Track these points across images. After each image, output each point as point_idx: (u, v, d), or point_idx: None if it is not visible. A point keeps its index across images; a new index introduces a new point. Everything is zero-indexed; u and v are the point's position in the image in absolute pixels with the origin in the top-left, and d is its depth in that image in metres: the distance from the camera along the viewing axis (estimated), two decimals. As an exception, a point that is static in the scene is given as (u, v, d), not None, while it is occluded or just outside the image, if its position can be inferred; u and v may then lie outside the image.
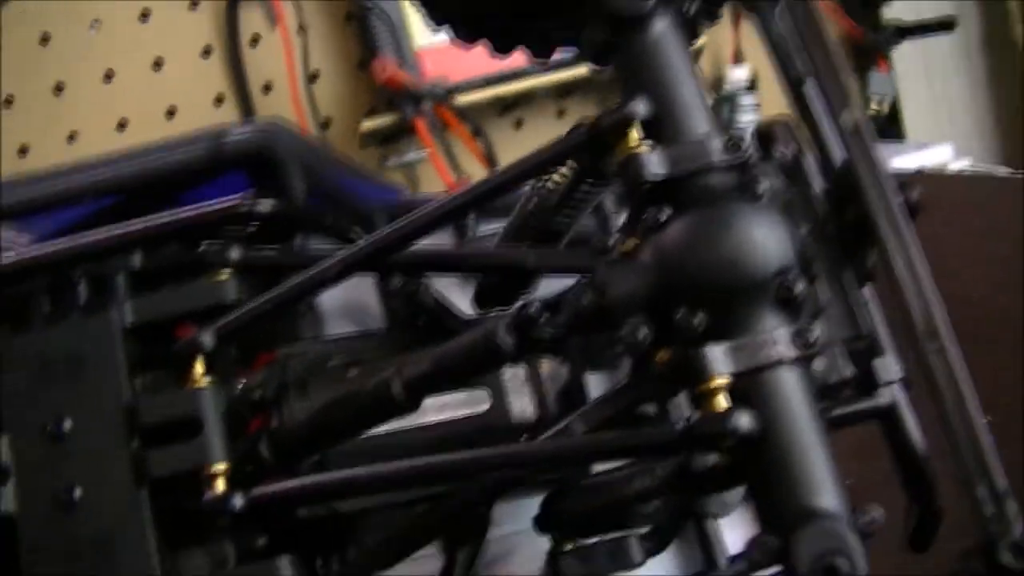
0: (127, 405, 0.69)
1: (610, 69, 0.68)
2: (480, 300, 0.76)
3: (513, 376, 0.73)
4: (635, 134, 0.65)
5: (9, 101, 1.58)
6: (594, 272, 0.65)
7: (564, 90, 1.58)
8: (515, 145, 1.53)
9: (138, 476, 0.68)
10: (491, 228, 0.81)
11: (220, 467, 0.68)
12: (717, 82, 1.62)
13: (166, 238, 0.74)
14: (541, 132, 1.55)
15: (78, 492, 0.68)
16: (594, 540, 0.71)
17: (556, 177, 0.72)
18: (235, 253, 0.73)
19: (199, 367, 0.70)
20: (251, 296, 0.72)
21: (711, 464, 0.64)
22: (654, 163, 0.64)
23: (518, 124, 1.60)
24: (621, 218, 0.79)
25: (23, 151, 1.58)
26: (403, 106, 1.45)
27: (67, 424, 0.69)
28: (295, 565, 0.68)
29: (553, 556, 0.71)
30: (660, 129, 0.65)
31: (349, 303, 0.81)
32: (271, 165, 0.77)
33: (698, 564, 0.79)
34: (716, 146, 0.64)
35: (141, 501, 0.68)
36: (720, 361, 0.60)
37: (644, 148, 0.64)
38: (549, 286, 0.74)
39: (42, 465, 0.69)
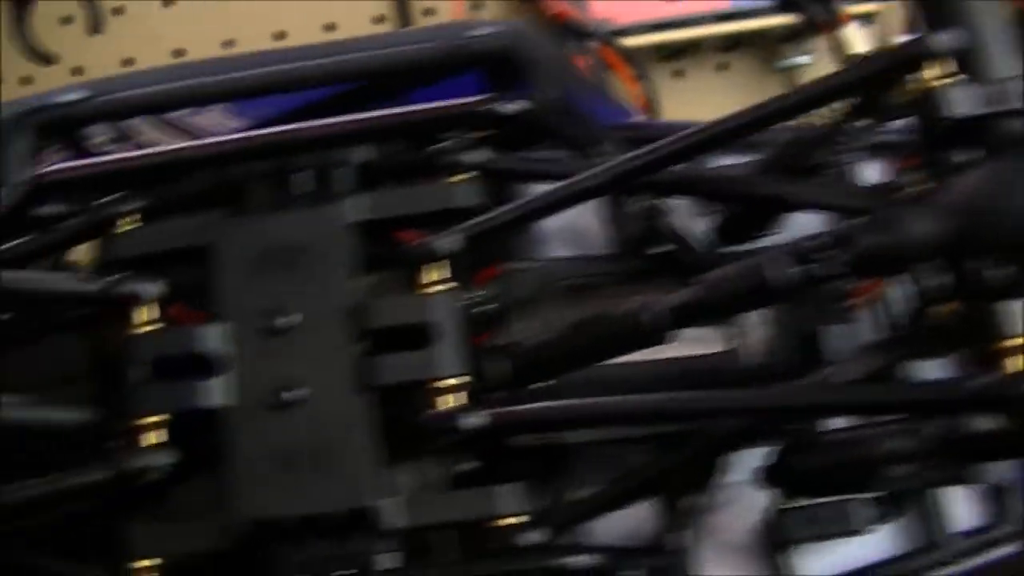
0: (353, 305, 0.65)
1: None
2: (724, 233, 0.71)
3: (754, 316, 0.69)
4: (938, 68, 0.60)
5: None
6: (878, 212, 0.60)
7: (730, 43, 1.52)
8: (673, 95, 1.48)
9: (363, 382, 0.64)
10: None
11: (452, 382, 0.64)
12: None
13: (398, 133, 0.69)
14: (700, 84, 1.50)
15: (296, 392, 0.64)
16: (822, 500, 0.67)
17: (824, 111, 0.67)
18: (476, 156, 0.68)
19: (437, 273, 0.65)
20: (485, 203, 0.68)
21: (989, 430, 0.59)
22: (961, 100, 0.59)
23: (677, 74, 1.55)
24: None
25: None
26: (567, 42, 1.40)
27: (288, 318, 0.65)
28: (526, 496, 0.63)
29: (777, 512, 0.68)
30: (966, 65, 0.60)
31: (566, 225, 0.76)
32: (516, 67, 0.72)
33: (914, 537, 0.74)
34: (1018, 89, 0.59)
35: (363, 408, 0.64)
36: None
37: (947, 83, 0.59)
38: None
39: (259, 360, 0.65)
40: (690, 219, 0.72)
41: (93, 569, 0.67)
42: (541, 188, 0.69)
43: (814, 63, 1.45)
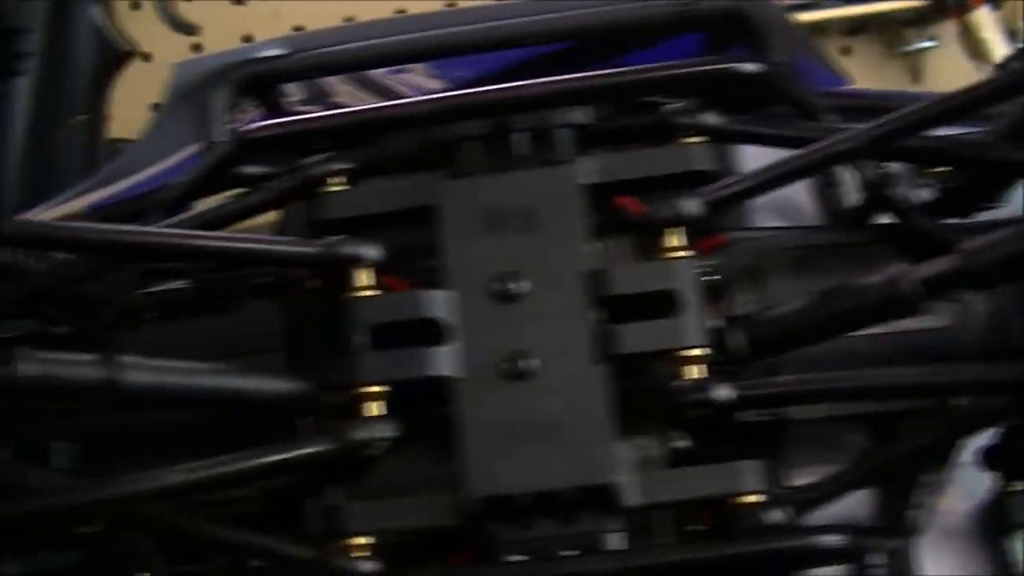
0: (589, 271, 0.61)
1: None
2: (946, 205, 0.68)
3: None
4: None
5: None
6: None
7: (854, 27, 1.48)
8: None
9: (601, 351, 0.60)
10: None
11: (697, 352, 0.60)
12: (1012, 35, 1.52)
13: (630, 93, 0.66)
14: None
15: (529, 362, 0.60)
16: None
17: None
18: (711, 118, 0.64)
19: (678, 239, 0.62)
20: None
21: None
22: None
23: (799, 55, 1.51)
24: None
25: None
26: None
27: (519, 284, 0.61)
28: (765, 474, 0.60)
29: (1001, 495, 0.66)
30: None
31: (775, 196, 0.72)
32: (747, 30, 0.68)
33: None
34: None
35: (601, 379, 0.60)
36: None
37: None
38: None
39: (490, 327, 0.61)
40: (914, 190, 0.69)
41: (301, 547, 0.63)
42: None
43: (939, 47, 1.41)
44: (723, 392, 0.59)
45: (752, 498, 0.60)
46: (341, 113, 0.67)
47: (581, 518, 0.61)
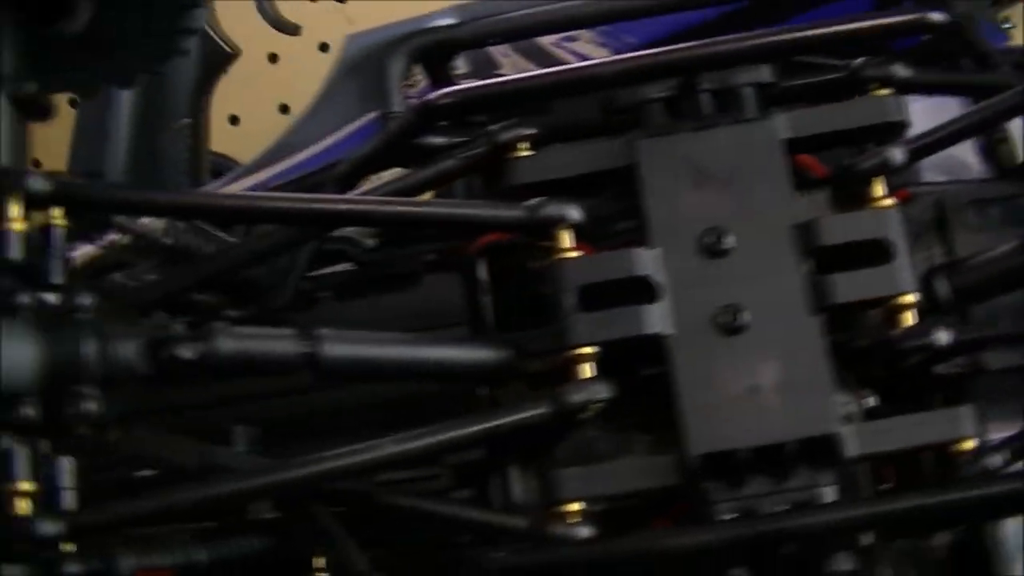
0: (797, 223, 0.61)
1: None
2: None
3: None
4: None
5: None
6: None
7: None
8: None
9: (815, 301, 0.60)
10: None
11: (911, 298, 0.60)
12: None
13: (814, 48, 0.66)
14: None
15: (743, 315, 0.60)
16: None
17: None
18: (901, 70, 0.64)
19: (882, 187, 0.61)
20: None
21: None
22: None
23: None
24: None
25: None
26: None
27: (727, 239, 0.61)
28: (979, 420, 0.59)
29: None
30: None
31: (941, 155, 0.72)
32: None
33: None
34: None
35: (816, 330, 0.60)
36: None
37: None
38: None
39: (700, 283, 0.61)
40: None
41: (513, 517, 0.63)
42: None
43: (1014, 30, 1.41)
44: (943, 336, 0.59)
45: (970, 444, 0.59)
46: (528, 76, 0.67)
47: (795, 474, 0.60)
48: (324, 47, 1.63)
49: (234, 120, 1.57)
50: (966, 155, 0.74)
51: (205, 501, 0.60)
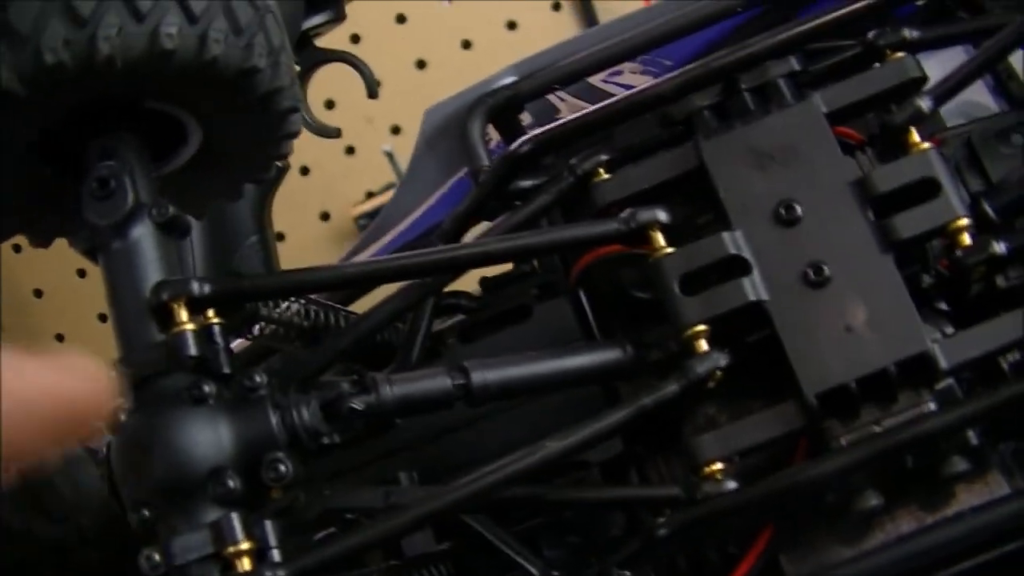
0: (854, 179, 0.70)
1: None
2: None
3: None
4: None
5: None
6: None
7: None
8: None
9: (884, 243, 0.69)
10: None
11: (965, 221, 0.69)
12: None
13: (833, 32, 0.75)
14: None
15: (826, 268, 0.69)
16: None
17: None
18: (910, 33, 0.74)
19: (916, 134, 0.71)
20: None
21: None
22: None
23: None
24: None
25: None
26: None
27: (797, 208, 0.70)
28: None
29: None
30: None
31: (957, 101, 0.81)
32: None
33: None
34: None
35: (891, 265, 0.69)
36: None
37: None
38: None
39: (782, 250, 0.70)
40: None
41: (669, 488, 0.71)
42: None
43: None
44: (999, 246, 0.68)
45: None
46: (595, 109, 0.76)
47: (901, 398, 0.69)
48: (351, 150, 1.73)
49: (280, 237, 1.66)
50: (983, 98, 0.83)
51: (404, 527, 0.68)
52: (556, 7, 1.74)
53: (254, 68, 0.71)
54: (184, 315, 0.68)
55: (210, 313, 0.69)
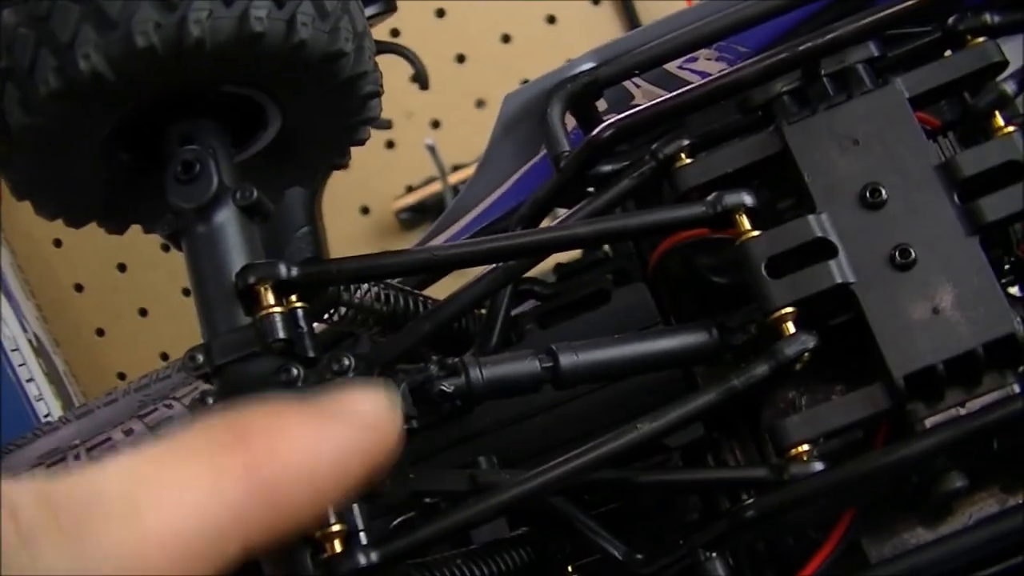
0: (939, 164, 0.70)
1: None
2: None
3: None
4: None
5: None
6: None
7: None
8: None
9: (970, 226, 0.69)
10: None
11: (1054, 204, 0.69)
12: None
13: (904, 21, 0.76)
14: None
15: (912, 250, 0.69)
16: None
17: None
18: (991, 18, 0.74)
19: (1001, 118, 0.71)
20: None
21: None
22: None
23: None
24: None
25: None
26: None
27: (882, 191, 0.70)
28: None
29: None
30: None
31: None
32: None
33: None
34: None
35: (976, 250, 0.69)
36: None
37: None
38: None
39: (868, 233, 0.70)
40: None
41: (756, 470, 0.72)
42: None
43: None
44: None
45: None
46: (676, 94, 0.76)
47: (986, 380, 0.69)
48: (391, 144, 1.74)
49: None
50: None
51: (489, 511, 0.69)
52: (596, 2, 1.75)
53: (340, 52, 0.71)
54: (271, 298, 0.69)
55: (293, 297, 0.69)
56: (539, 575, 0.80)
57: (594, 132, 0.76)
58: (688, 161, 0.75)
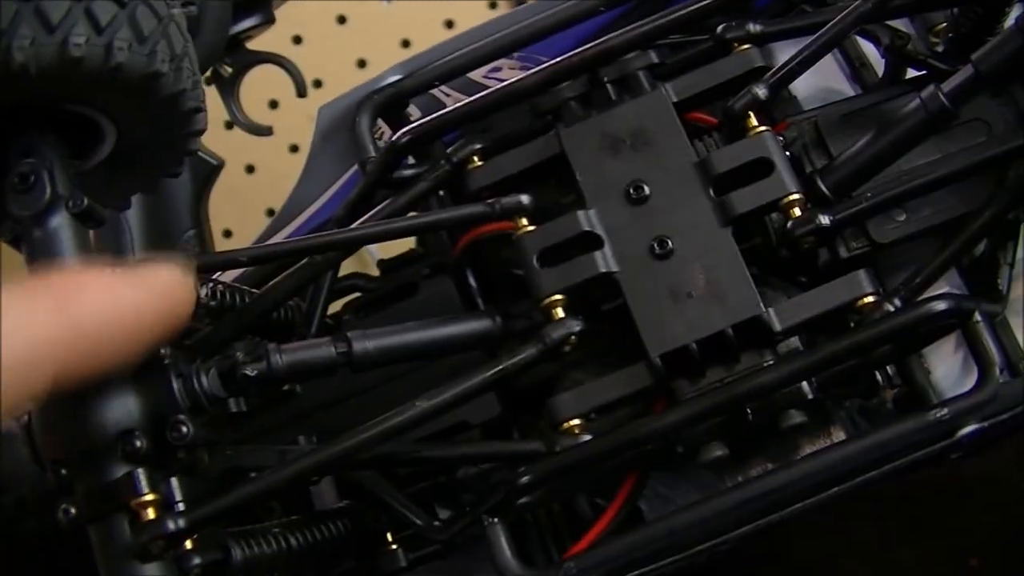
0: (696, 162, 0.77)
1: None
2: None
3: None
4: None
5: None
6: None
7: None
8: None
9: (723, 218, 0.76)
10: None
11: (796, 196, 0.76)
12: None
13: (687, 25, 0.82)
14: None
15: (670, 241, 0.76)
16: None
17: None
18: (754, 27, 0.81)
19: (755, 119, 0.78)
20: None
21: None
22: None
23: None
24: None
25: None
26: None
27: (646, 187, 0.77)
28: (875, 279, 0.75)
29: None
30: None
31: (813, 85, 0.88)
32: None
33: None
34: None
35: (729, 240, 0.76)
36: None
37: None
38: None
39: (631, 226, 0.77)
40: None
41: (530, 443, 0.78)
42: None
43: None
44: (824, 218, 0.75)
45: (870, 299, 0.75)
46: (467, 102, 0.83)
47: (743, 359, 0.76)
48: (295, 148, 1.80)
49: (228, 233, 1.73)
50: (841, 85, 0.90)
51: (288, 479, 0.74)
52: (492, 6, 1.81)
53: (157, 72, 0.77)
54: None
55: None
56: (362, 545, 0.87)
57: (393, 137, 0.83)
58: (479, 163, 0.82)
